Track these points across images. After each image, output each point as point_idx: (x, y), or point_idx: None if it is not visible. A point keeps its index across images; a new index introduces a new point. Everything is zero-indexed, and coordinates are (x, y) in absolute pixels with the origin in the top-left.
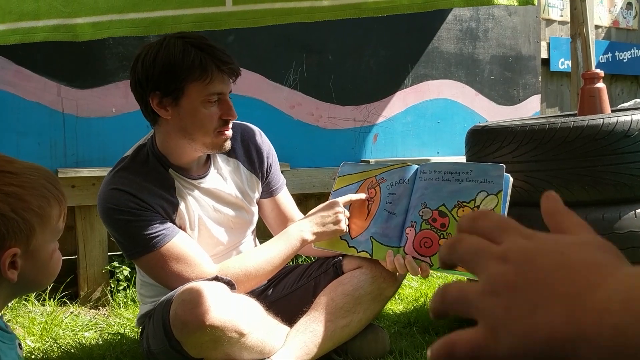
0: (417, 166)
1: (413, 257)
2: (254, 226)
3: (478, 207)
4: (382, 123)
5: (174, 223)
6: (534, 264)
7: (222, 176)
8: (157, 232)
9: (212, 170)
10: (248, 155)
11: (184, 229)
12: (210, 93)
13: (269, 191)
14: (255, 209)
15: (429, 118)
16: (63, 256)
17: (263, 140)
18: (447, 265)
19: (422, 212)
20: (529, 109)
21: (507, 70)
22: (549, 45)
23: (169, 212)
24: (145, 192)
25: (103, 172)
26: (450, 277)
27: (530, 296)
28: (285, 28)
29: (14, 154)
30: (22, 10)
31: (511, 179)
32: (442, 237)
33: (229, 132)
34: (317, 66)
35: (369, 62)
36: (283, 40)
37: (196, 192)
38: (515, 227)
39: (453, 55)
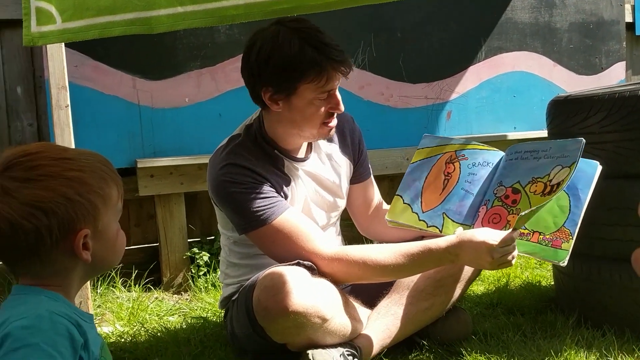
0: (503, 153)
1: None
2: (341, 210)
3: (551, 181)
4: (455, 100)
5: (287, 198)
6: None
7: (322, 161)
8: (269, 205)
9: (314, 154)
10: (343, 141)
11: (292, 205)
12: (322, 92)
13: (358, 176)
14: (347, 194)
15: (504, 92)
16: (145, 244)
17: (355, 127)
18: None
19: (497, 190)
20: (612, 78)
21: (588, 38)
22: (633, 8)
23: (284, 188)
24: (260, 166)
25: (180, 161)
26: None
27: None
28: (351, 8)
29: (94, 147)
30: (99, 6)
31: (599, 167)
32: (511, 212)
33: (334, 123)
34: (386, 44)
35: (439, 37)
36: (350, 21)
37: (301, 173)
38: None
39: (528, 25)
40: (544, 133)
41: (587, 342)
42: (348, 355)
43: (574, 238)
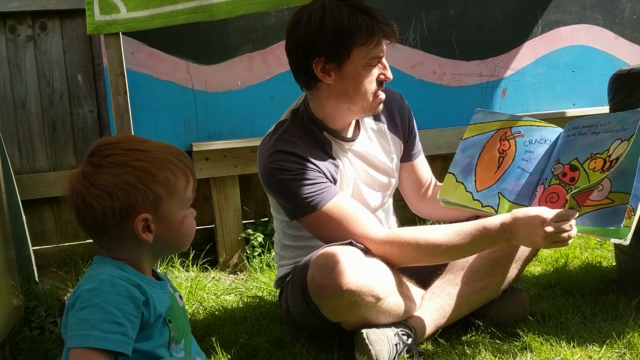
0: (561, 130)
1: None
2: (394, 190)
3: (610, 156)
4: (510, 76)
5: (336, 182)
6: None
7: (371, 139)
8: (319, 191)
9: (362, 133)
10: (392, 119)
11: (341, 189)
12: (373, 57)
13: (408, 155)
14: (397, 172)
15: (562, 68)
16: (201, 225)
17: (404, 104)
18: None
19: (554, 168)
20: None
21: None
22: None
23: (332, 172)
24: (308, 152)
25: (233, 144)
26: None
27: None
28: None
29: (152, 131)
30: None
31: None
32: (569, 191)
33: (383, 96)
34: (438, 22)
35: (493, 12)
36: None
37: (350, 154)
38: None
39: None
40: (605, 109)
41: None
42: (402, 334)
43: (637, 215)
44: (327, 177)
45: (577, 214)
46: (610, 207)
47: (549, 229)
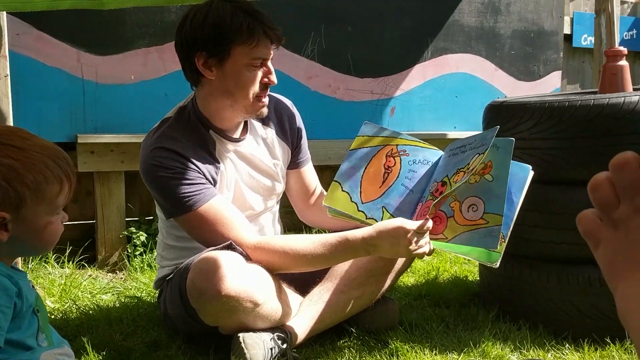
0: (442, 152)
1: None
2: (280, 196)
3: (469, 169)
4: (400, 96)
5: (216, 183)
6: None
7: (258, 143)
8: (196, 191)
9: (249, 136)
10: (281, 125)
11: (220, 190)
12: (255, 57)
13: (296, 162)
14: (284, 178)
15: (447, 92)
16: (81, 220)
17: (295, 112)
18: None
19: (431, 186)
20: (549, 86)
21: (528, 45)
22: (572, 20)
23: (212, 173)
24: (190, 151)
25: (122, 138)
26: (460, 257)
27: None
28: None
29: (34, 120)
30: None
31: (532, 172)
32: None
33: (266, 99)
34: (336, 37)
35: (388, 34)
36: (302, 10)
37: (234, 156)
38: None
39: (474, 29)
40: None
41: (504, 335)
42: (278, 339)
43: (507, 241)
44: (206, 178)
45: (430, 222)
46: (486, 227)
47: (413, 239)
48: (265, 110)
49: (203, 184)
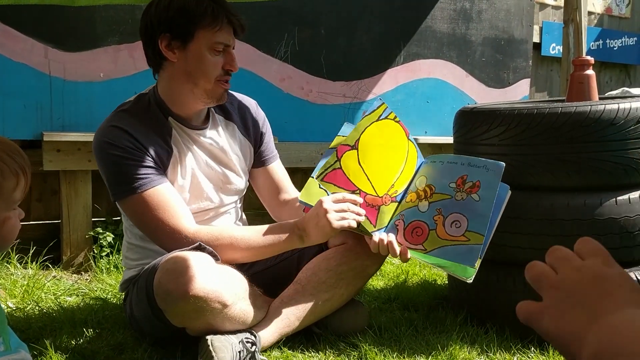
0: (423, 160)
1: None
2: (242, 194)
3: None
4: (371, 100)
5: (166, 170)
6: (575, 293)
7: (219, 134)
8: (144, 175)
9: (212, 126)
10: (244, 122)
11: (174, 177)
12: (218, 42)
13: (261, 160)
14: (245, 175)
15: (418, 97)
16: (46, 220)
17: (259, 111)
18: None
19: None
20: (518, 93)
21: (499, 53)
22: (541, 29)
23: (162, 158)
24: (142, 134)
25: (89, 137)
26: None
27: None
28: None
29: None
30: None
31: (509, 192)
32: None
33: (228, 85)
34: (309, 40)
35: (361, 38)
36: (275, 12)
37: (192, 144)
38: (567, 260)
39: (445, 35)
40: (451, 139)
41: (471, 339)
42: (247, 342)
43: (482, 257)
44: (156, 163)
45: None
46: (466, 245)
47: (332, 209)
48: (225, 97)
49: (152, 167)
